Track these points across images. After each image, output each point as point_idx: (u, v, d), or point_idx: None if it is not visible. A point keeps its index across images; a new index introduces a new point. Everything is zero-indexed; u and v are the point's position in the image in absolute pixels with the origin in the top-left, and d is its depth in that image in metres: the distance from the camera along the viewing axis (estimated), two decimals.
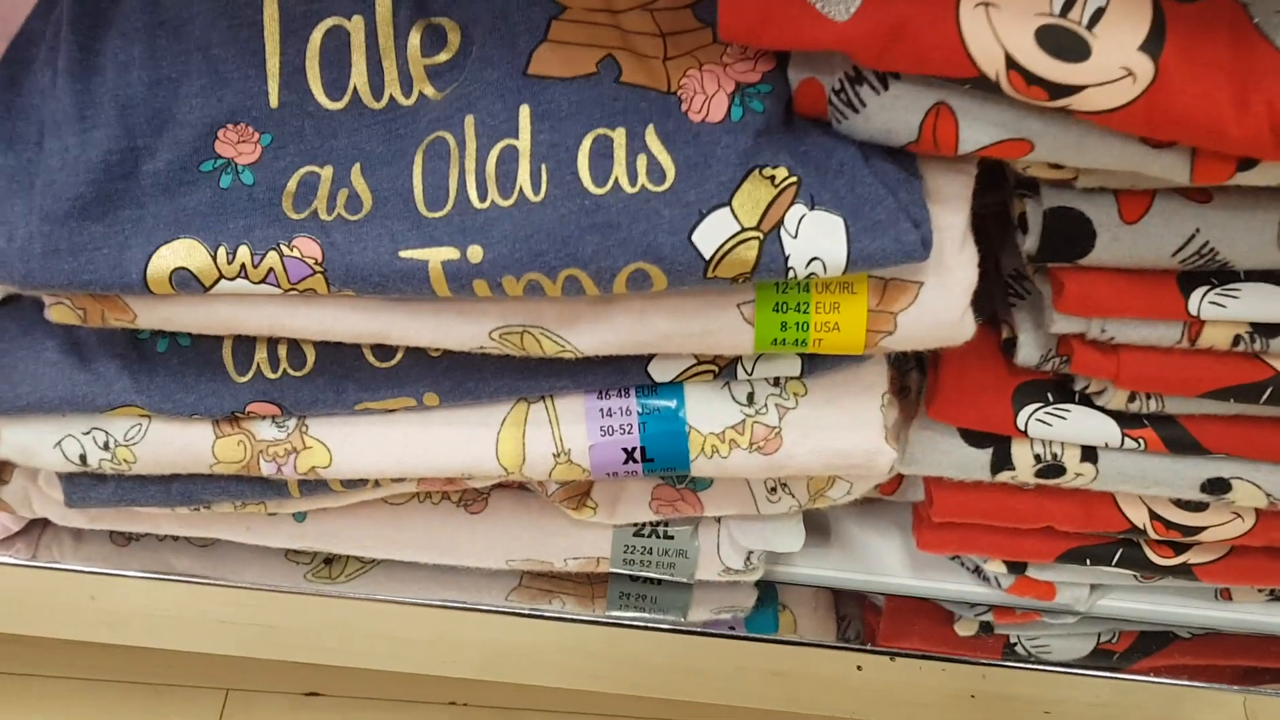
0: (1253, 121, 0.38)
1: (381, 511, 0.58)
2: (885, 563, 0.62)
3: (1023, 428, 0.52)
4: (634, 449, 0.50)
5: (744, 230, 0.42)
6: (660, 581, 0.61)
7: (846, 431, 0.50)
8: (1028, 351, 0.52)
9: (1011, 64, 0.38)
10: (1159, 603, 0.61)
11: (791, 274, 0.43)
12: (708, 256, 0.42)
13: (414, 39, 0.46)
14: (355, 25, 0.47)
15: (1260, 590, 0.60)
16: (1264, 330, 0.48)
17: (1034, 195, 0.47)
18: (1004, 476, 0.54)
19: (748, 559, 0.58)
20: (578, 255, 0.43)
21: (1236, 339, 0.48)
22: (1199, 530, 0.55)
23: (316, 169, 0.46)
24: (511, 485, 0.59)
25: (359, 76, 0.47)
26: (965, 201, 0.45)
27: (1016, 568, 0.59)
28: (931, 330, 0.46)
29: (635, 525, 0.58)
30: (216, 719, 0.78)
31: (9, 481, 0.58)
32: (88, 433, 0.51)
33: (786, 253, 0.42)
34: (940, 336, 0.46)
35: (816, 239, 0.42)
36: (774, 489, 0.55)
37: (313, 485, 0.53)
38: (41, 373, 0.50)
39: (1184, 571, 0.57)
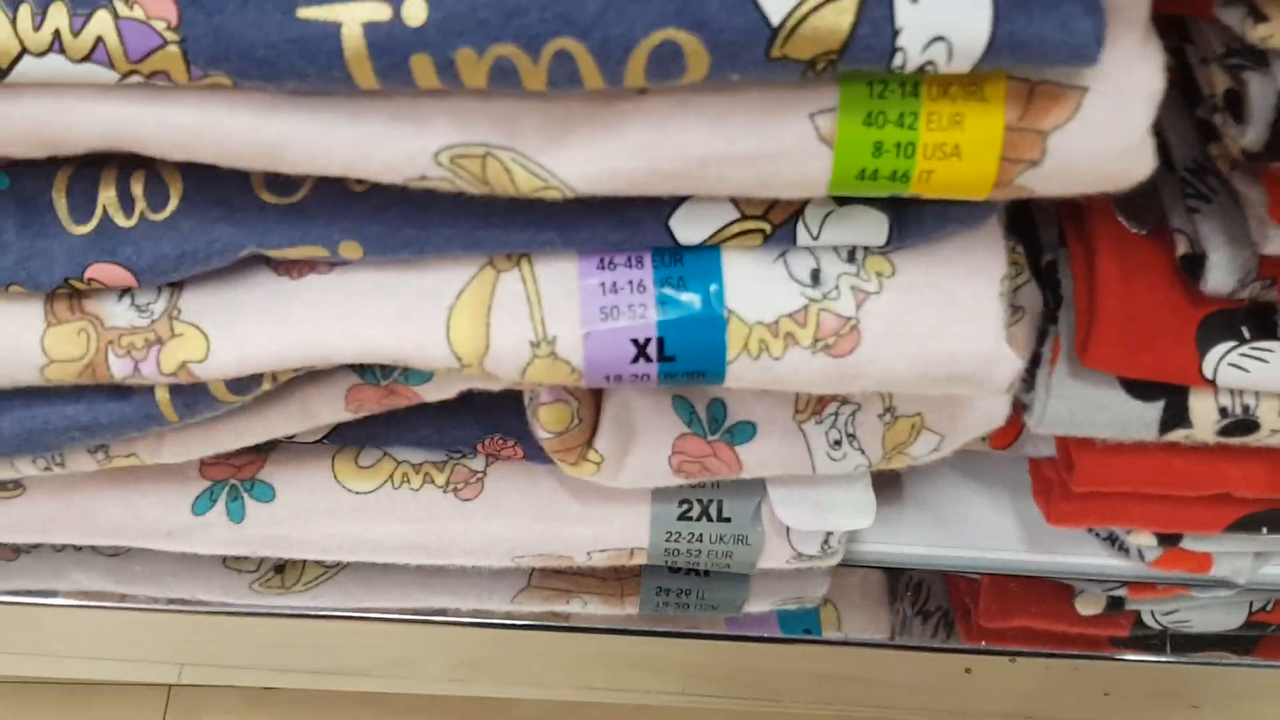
0: None
1: (345, 502, 0.44)
2: (990, 532, 0.49)
3: (1210, 376, 0.39)
4: (647, 341, 0.35)
5: None
6: (707, 570, 0.48)
7: (952, 327, 0.35)
8: (1220, 274, 0.38)
9: None
10: None
11: (899, 59, 0.28)
12: (776, 20, 0.28)
13: None
14: None
15: None
16: None
17: (1260, 68, 0.32)
18: (1176, 435, 0.41)
19: (826, 541, 0.45)
20: (574, 16, 0.28)
21: None
22: None
23: None
24: (514, 459, 0.45)
25: None
26: None
27: (1169, 540, 0.46)
28: (1097, 160, 0.31)
29: (679, 505, 0.45)
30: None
31: None
32: None
33: (897, 24, 0.28)
34: (1108, 172, 0.32)
35: (947, 7, 0.28)
36: (839, 442, 0.41)
37: (191, 397, 0.37)
38: None
39: None
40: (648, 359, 0.35)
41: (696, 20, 0.28)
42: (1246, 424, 0.40)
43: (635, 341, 0.35)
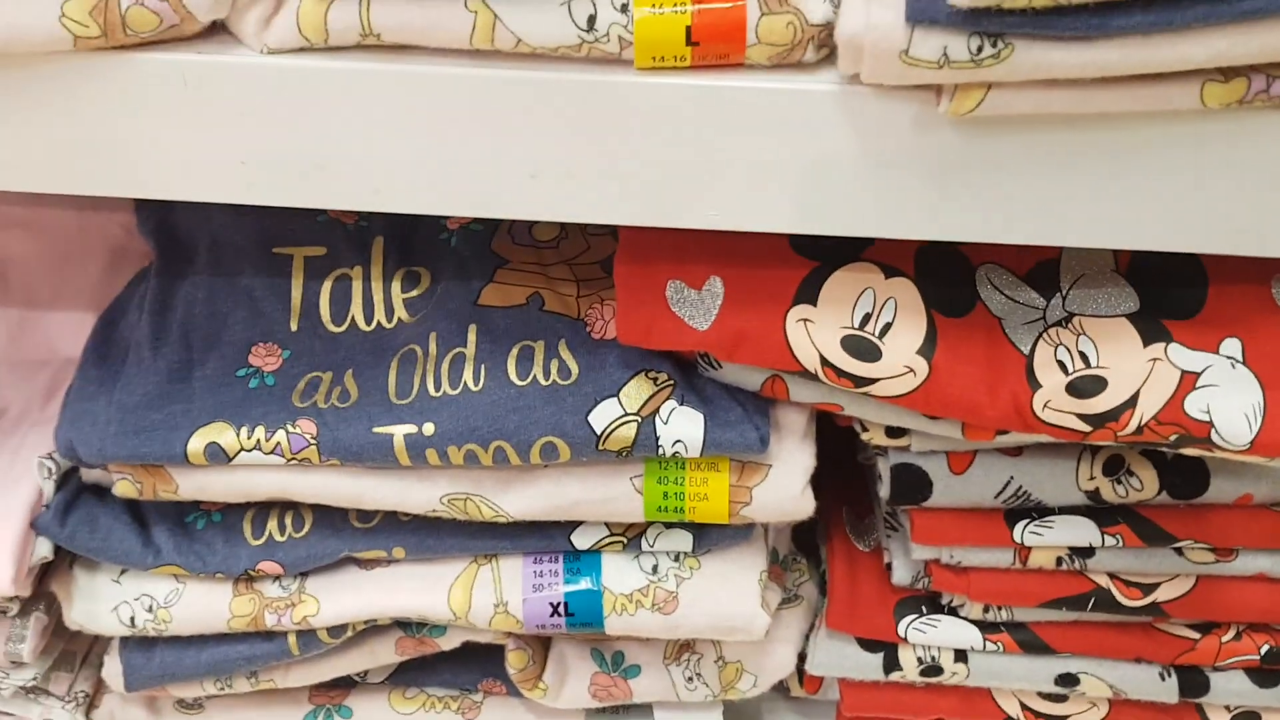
0: (1001, 406, 0.52)
1: None
2: None
3: (903, 635, 0.64)
4: (559, 604, 0.63)
5: (627, 415, 0.57)
6: None
7: (730, 599, 0.63)
8: (900, 573, 0.64)
9: (825, 363, 0.53)
10: None
11: (660, 451, 0.57)
12: (598, 432, 0.57)
13: (396, 281, 0.63)
14: (356, 273, 0.64)
15: None
16: (1080, 552, 0.61)
17: (884, 454, 0.60)
18: (895, 676, 0.66)
19: None
20: (503, 430, 0.57)
21: (1059, 560, 0.61)
22: (1063, 718, 0.66)
23: (320, 374, 0.62)
24: (501, 693, 0.71)
25: (356, 308, 0.63)
26: (808, 407, 0.59)
27: None
28: (779, 503, 0.59)
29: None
30: None
31: (99, 706, 0.72)
32: (137, 598, 0.64)
33: (658, 434, 0.57)
34: (786, 509, 0.60)
35: (681, 427, 0.57)
36: (691, 679, 0.67)
37: (307, 639, 0.65)
38: (114, 531, 0.63)
39: None
40: (559, 615, 0.63)
41: (561, 432, 0.57)
42: (935, 668, 0.65)
43: (552, 604, 0.63)
